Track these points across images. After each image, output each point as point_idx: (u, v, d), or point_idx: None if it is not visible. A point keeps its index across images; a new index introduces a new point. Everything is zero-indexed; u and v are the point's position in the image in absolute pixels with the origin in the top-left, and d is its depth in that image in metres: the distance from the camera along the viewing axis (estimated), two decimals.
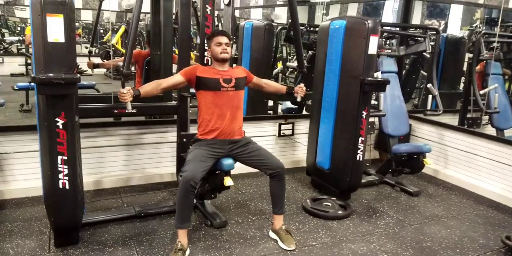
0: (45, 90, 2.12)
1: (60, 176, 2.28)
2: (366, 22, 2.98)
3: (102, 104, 3.08)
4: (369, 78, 3.01)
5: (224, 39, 2.56)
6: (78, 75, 2.18)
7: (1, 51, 9.60)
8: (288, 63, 5.45)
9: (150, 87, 2.51)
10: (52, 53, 2.13)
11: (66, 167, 2.28)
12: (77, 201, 2.38)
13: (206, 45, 2.74)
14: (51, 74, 2.11)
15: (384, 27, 3.85)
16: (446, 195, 3.66)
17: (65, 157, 2.27)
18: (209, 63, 2.83)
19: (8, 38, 10.29)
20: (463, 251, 2.67)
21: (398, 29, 4.26)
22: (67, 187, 2.30)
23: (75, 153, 2.32)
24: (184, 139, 2.93)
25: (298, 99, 2.90)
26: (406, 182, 3.77)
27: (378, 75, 3.06)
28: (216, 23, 5.85)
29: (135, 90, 2.38)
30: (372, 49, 2.99)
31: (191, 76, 2.57)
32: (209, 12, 2.86)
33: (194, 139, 2.68)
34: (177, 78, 2.59)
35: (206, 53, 2.85)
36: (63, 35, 2.13)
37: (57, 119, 2.22)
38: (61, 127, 2.23)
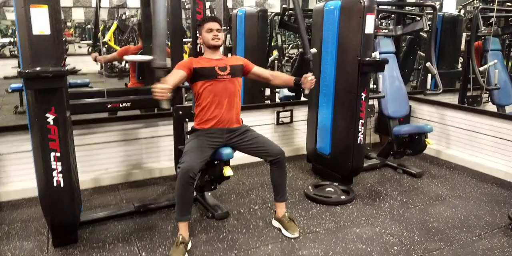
0: (32, 84, 2.05)
1: (54, 173, 2.22)
2: (361, 1, 2.89)
3: (95, 98, 3.02)
4: (367, 59, 2.94)
5: (215, 25, 2.49)
6: (67, 68, 2.11)
7: None
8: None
9: None
10: (38, 46, 2.05)
11: (59, 164, 2.22)
12: (73, 199, 2.33)
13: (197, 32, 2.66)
14: (38, 68, 2.04)
15: (380, 6, 3.75)
16: (449, 175, 3.61)
17: (58, 154, 2.21)
18: (202, 51, 2.75)
19: None
20: (470, 230, 2.62)
21: (394, 8, 4.15)
22: (62, 184, 2.24)
23: (68, 149, 2.25)
24: (180, 112, 2.84)
25: (306, 92, 2.69)
26: (408, 164, 3.72)
27: (376, 55, 2.99)
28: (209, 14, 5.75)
29: None
30: (369, 28, 2.92)
31: (189, 69, 2.47)
32: None
33: (192, 129, 2.62)
34: (180, 73, 2.43)
35: (198, 41, 2.77)
36: (48, 27, 2.05)
37: (47, 115, 2.15)
38: (52, 123, 2.16)
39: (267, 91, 5.11)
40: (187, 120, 2.86)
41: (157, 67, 2.21)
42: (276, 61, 5.51)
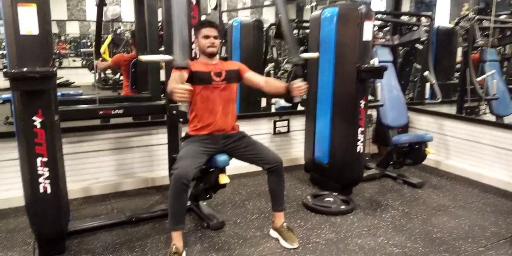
0: (18, 85, 1.95)
1: (41, 179, 2.11)
2: (359, 8, 2.86)
3: (86, 105, 2.93)
4: (366, 65, 2.89)
5: (212, 32, 2.41)
6: (55, 69, 2.02)
7: None
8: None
9: None
10: (25, 47, 1.98)
11: (46, 169, 2.11)
12: (61, 207, 2.21)
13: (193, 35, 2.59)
14: (24, 69, 1.95)
15: (377, 16, 3.73)
16: (450, 185, 3.52)
17: (45, 159, 2.10)
18: (197, 56, 2.69)
19: None
20: (475, 240, 2.52)
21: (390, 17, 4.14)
22: (49, 191, 2.13)
23: (55, 154, 2.15)
24: (174, 111, 2.71)
25: (296, 100, 2.40)
26: (408, 174, 3.64)
27: (375, 61, 2.94)
28: None
29: None
30: (367, 35, 2.88)
31: (189, 72, 2.39)
32: (194, 3, 2.72)
33: (185, 135, 2.53)
34: (184, 75, 2.25)
35: (193, 46, 2.71)
36: (36, 26, 1.98)
37: (34, 117, 2.06)
38: (39, 126, 2.07)
39: (263, 103, 5.05)
40: (181, 120, 2.76)
41: (178, 67, 2.09)
42: (271, 72, 5.48)
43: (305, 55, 2.69)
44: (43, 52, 2.01)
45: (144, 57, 2.19)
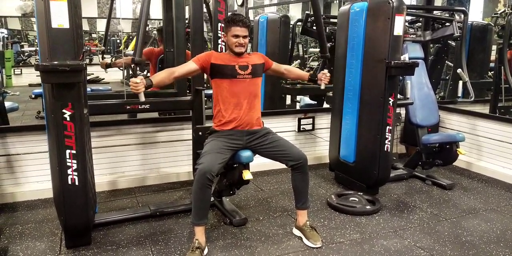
0: (49, 78, 1.99)
1: (69, 171, 2.15)
2: (390, 1, 2.78)
3: (114, 100, 2.97)
4: (396, 61, 2.81)
5: (242, 32, 2.36)
6: (85, 62, 2.05)
7: (20, 63, 9.81)
8: (311, 49, 5.27)
9: (161, 77, 2.34)
10: (56, 40, 2.01)
11: (75, 161, 2.15)
12: (88, 198, 2.24)
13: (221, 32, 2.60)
14: (55, 62, 1.99)
15: (408, 10, 3.62)
16: (482, 187, 3.39)
17: (74, 151, 2.14)
18: (224, 51, 2.68)
19: (26, 49, 10.46)
20: (508, 245, 2.42)
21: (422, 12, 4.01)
22: (77, 183, 2.17)
23: (84, 147, 2.18)
24: (200, 133, 2.75)
25: (322, 87, 2.70)
26: (437, 176, 3.53)
27: (405, 57, 2.85)
28: None
29: (147, 80, 2.22)
30: (398, 29, 2.79)
31: (205, 63, 2.40)
32: None
33: (210, 131, 2.52)
34: (190, 65, 2.41)
35: (220, 41, 2.70)
36: (67, 20, 2.01)
37: (64, 110, 2.09)
38: (68, 119, 2.10)
39: (288, 100, 5.01)
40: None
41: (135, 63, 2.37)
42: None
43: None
44: (74, 45, 2.04)
45: None
